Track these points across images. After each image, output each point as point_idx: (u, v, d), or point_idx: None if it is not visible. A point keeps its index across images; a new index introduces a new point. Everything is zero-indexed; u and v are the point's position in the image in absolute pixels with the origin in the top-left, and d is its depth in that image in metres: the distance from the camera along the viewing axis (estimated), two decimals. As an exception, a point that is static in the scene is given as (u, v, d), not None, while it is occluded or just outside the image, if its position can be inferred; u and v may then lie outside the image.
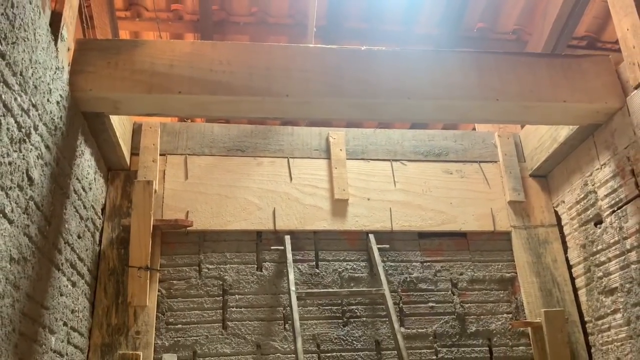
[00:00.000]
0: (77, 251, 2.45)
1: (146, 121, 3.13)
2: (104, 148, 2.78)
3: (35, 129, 1.93)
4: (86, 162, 2.57)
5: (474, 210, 3.21)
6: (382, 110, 2.58)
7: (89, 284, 2.63)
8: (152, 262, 2.79)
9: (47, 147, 2.05)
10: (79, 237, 2.48)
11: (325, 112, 2.58)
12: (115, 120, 2.71)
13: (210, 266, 2.91)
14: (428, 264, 3.09)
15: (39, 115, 1.96)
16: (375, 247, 2.99)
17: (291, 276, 2.80)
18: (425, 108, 2.60)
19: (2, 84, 1.65)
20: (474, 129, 3.70)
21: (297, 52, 2.58)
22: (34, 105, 1.91)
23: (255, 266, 2.95)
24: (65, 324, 2.28)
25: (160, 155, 3.07)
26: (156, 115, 2.55)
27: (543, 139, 3.21)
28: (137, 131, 3.10)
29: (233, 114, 2.56)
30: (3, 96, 1.66)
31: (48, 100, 2.06)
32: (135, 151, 3.05)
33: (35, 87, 1.92)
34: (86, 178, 2.57)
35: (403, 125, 4.17)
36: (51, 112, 2.09)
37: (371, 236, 3.05)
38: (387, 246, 3.05)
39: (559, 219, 3.23)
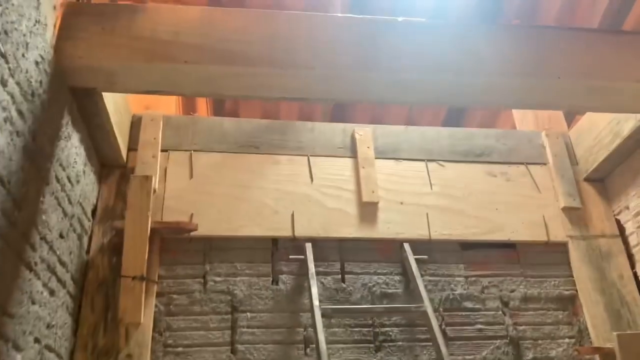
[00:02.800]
0: (58, 253, 2.02)
1: (147, 113, 2.74)
2: (97, 137, 2.38)
3: (4, 84, 1.54)
4: (73, 149, 2.17)
5: (523, 217, 2.77)
6: (422, 88, 2.18)
7: (72, 295, 2.18)
8: (148, 272, 2.35)
9: (20, 112, 1.65)
10: (61, 236, 2.05)
11: (355, 90, 2.18)
12: (111, 104, 2.32)
13: (218, 278, 2.46)
14: (473, 279, 2.63)
15: (9, 69, 1.57)
16: (412, 258, 2.54)
17: (314, 289, 2.34)
18: (473, 87, 2.20)
19: (-46, 7, 1.26)
20: (514, 128, 3.30)
21: (324, 22, 2.20)
22: (1, 55, 1.52)
23: (271, 279, 2.50)
24: (37, 341, 1.83)
25: (162, 151, 2.67)
26: (158, 93, 2.16)
27: (601, 135, 2.79)
28: (136, 124, 2.71)
29: (248, 91, 2.16)
30: (-45, 23, 1.27)
31: (23, 55, 1.66)
32: (133, 146, 2.65)
33: (6, 32, 1.54)
34: (73, 167, 2.16)
35: (433, 122, 3.77)
36: (27, 72, 1.70)
37: (406, 245, 2.60)
38: (426, 257, 2.60)
39: (621, 228, 2.79)
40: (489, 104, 2.35)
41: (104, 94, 2.23)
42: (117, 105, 2.44)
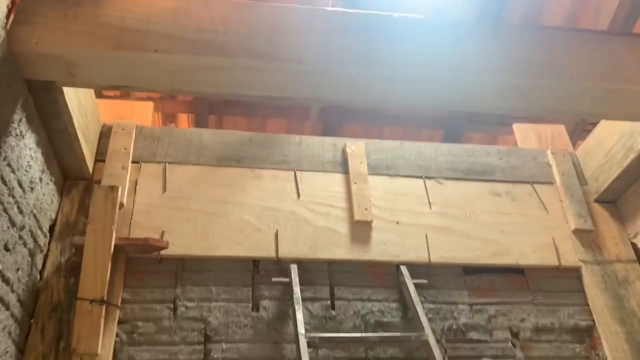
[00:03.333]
0: (0, 267, 1.73)
1: (118, 122, 2.50)
2: (57, 142, 2.12)
3: None
4: (27, 151, 1.91)
5: (531, 239, 2.51)
6: (419, 87, 1.97)
7: (18, 320, 1.88)
8: (110, 295, 2.05)
9: (-48, 91, 1.40)
10: (5, 248, 1.77)
11: (346, 89, 1.95)
12: (74, 104, 2.08)
13: (190, 304, 2.16)
14: (479, 306, 2.35)
15: (-61, 36, 1.33)
16: (410, 282, 2.27)
17: (299, 315, 2.05)
18: (481, 87, 1.99)
19: None
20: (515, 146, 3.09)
21: (314, 15, 1.99)
22: None
23: (250, 305, 2.20)
24: (-36, 370, 1.52)
25: (133, 162, 2.41)
26: (125, 89, 1.93)
27: (612, 151, 2.58)
28: (106, 134, 2.46)
29: (226, 88, 1.93)
30: None
31: (-39, 26, 1.44)
32: (101, 158, 2.39)
33: (-64, -8, 1.31)
34: (26, 172, 1.90)
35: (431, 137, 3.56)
36: (-34, 47, 1.46)
37: (403, 269, 2.33)
38: (425, 281, 2.32)
39: (638, 252, 2.54)
40: (494, 108, 2.13)
41: (66, 93, 1.99)
42: (82, 108, 2.19)
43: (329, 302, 2.26)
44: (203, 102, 3.42)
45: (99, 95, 3.31)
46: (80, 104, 2.17)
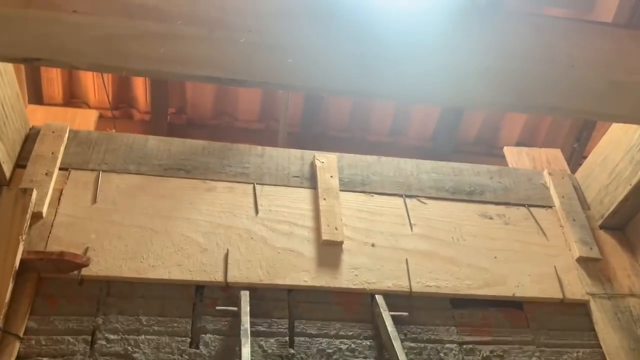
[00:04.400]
0: None
1: (48, 124, 2.14)
2: (-39, 134, 1.76)
3: None
4: None
5: (529, 268, 2.14)
6: (399, 69, 1.65)
7: None
8: (9, 322, 1.64)
9: None
10: None
11: (314, 70, 1.63)
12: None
13: (112, 336, 1.73)
14: (469, 346, 1.94)
15: None
16: (387, 315, 1.87)
17: (245, 351, 1.64)
18: (466, 72, 1.68)
19: None
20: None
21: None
22: None
23: (189, 339, 1.78)
24: None
25: (62, 169, 2.04)
26: (40, 62, 1.55)
27: (618, 168, 2.27)
28: (33, 138, 2.10)
29: (164, 65, 1.57)
30: None
31: None
32: (23, 162, 2.02)
33: None
34: None
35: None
36: None
37: (379, 299, 1.93)
38: (406, 314, 1.92)
39: (654, 286, 2.18)
40: (482, 103, 1.81)
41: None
42: (-4, 97, 1.84)
43: (287, 337, 1.84)
44: (162, 122, 3.11)
45: (40, 102, 3.00)
46: (-6, 92, 1.82)
